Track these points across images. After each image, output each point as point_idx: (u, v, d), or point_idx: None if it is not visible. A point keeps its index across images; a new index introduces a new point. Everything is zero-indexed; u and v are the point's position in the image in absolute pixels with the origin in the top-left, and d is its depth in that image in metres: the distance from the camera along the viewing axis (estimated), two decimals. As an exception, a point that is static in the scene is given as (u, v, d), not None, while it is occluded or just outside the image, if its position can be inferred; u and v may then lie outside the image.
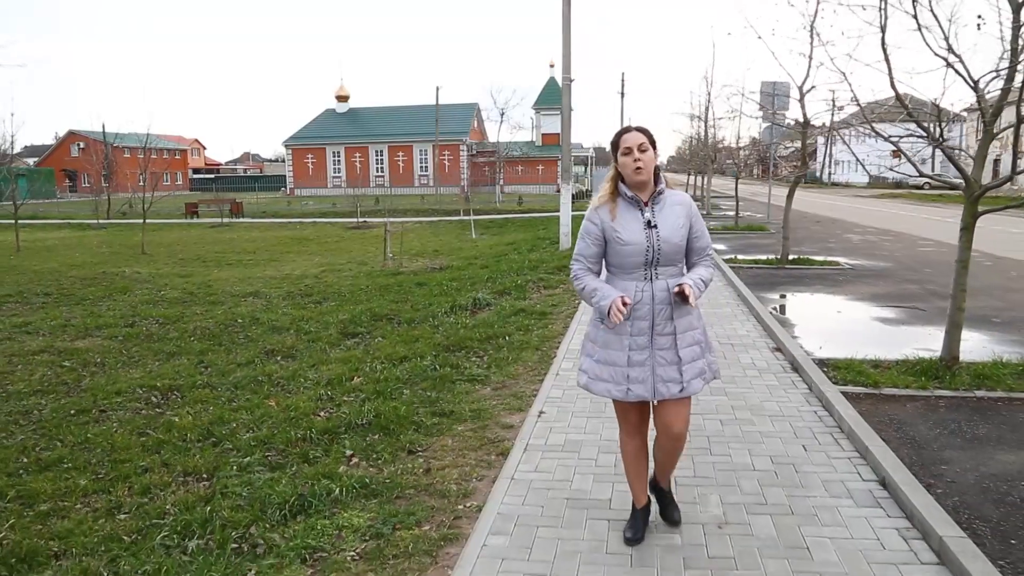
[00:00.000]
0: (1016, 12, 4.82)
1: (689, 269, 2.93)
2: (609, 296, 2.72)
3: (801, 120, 11.79)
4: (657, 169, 2.86)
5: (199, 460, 4.40)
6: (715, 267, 2.77)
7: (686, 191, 31.90)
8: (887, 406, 4.73)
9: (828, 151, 63.50)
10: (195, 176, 79.08)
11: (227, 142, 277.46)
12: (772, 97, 15.33)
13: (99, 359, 7.29)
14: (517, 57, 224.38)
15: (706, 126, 23.46)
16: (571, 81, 14.79)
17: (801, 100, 11.30)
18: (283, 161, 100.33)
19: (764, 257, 12.57)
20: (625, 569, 2.78)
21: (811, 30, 9.92)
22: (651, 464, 3.16)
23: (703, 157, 25.18)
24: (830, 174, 64.78)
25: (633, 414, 2.97)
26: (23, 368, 7.02)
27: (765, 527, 3.07)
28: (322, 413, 5.06)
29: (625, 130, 2.85)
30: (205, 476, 4.20)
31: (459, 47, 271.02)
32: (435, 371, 5.82)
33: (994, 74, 5.09)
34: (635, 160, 2.74)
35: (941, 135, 5.28)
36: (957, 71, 5.06)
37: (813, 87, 10.55)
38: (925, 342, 6.63)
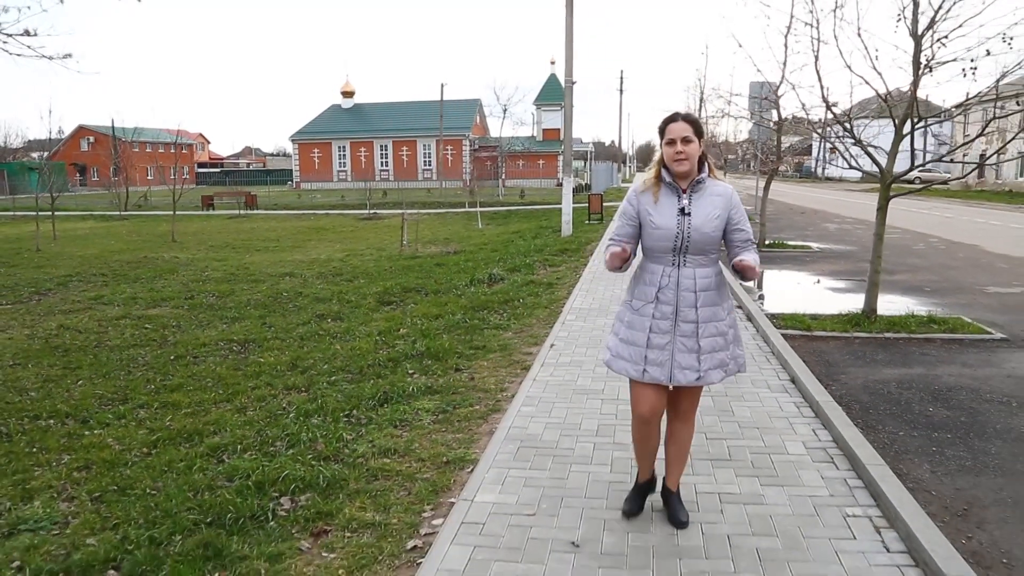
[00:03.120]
0: (917, 42, 6.28)
1: (732, 258, 2.89)
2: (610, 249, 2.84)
3: (784, 119, 13.25)
4: (703, 156, 2.83)
5: (295, 380, 5.86)
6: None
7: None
8: (814, 343, 6.23)
9: (822, 147, 64.88)
10: (200, 170, 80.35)
11: (227, 136, 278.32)
12: (760, 98, 16.77)
13: (174, 323, 8.65)
14: (519, 54, 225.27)
15: (699, 123, 24.86)
16: (573, 83, 16.21)
17: (776, 102, 12.76)
18: (284, 155, 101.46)
19: (744, 242, 14.02)
20: (611, 421, 4.28)
21: (785, 42, 11.36)
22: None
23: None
24: (823, 169, 66.16)
25: (645, 404, 2.92)
26: (113, 329, 8.40)
27: (706, 402, 4.56)
28: (381, 351, 6.54)
29: (672, 118, 2.81)
30: (303, 389, 5.66)
31: (462, 44, 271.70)
32: (466, 323, 7.32)
33: (906, 88, 6.56)
34: (677, 152, 2.75)
35: (857, 137, 6.74)
36: (873, 87, 6.53)
37: (784, 93, 11.95)
38: (861, 304, 8.10)
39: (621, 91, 45.22)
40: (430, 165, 59.05)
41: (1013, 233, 16.69)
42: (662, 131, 2.82)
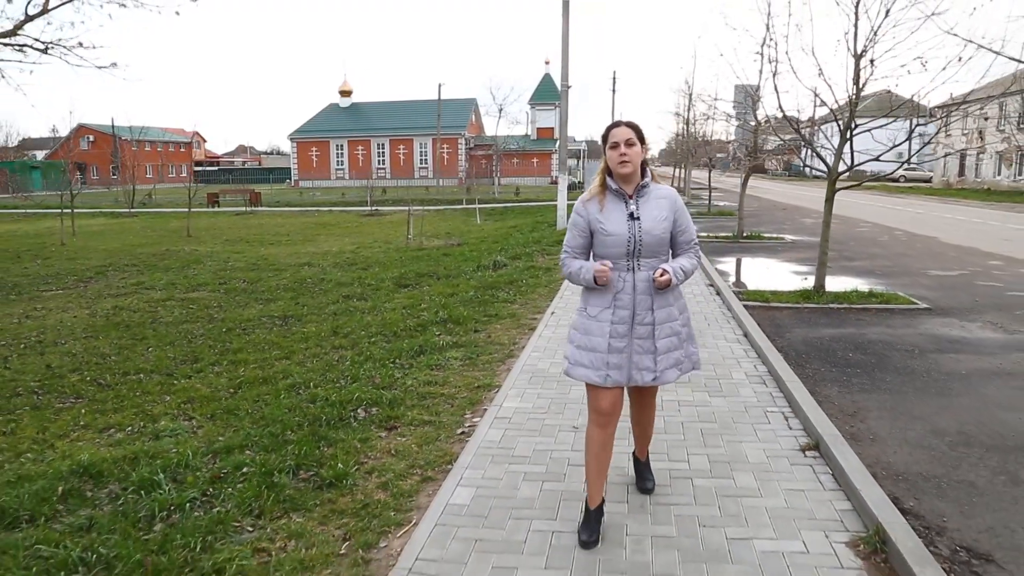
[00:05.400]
0: (857, 61, 7.55)
1: (673, 259, 3.03)
2: (591, 268, 2.89)
3: (759, 122, 14.54)
4: (645, 163, 2.93)
5: (339, 342, 7.06)
6: (699, 259, 3.09)
7: (672, 183, 34.23)
8: (770, 312, 7.51)
9: (806, 147, 66.22)
10: (197, 168, 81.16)
11: (219, 134, 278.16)
12: (737, 102, 18.09)
13: (216, 304, 9.76)
14: (514, 54, 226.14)
15: (687, 125, 26.22)
16: (568, 87, 17.46)
17: (754, 105, 14.03)
18: (278, 153, 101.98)
19: (724, 234, 15.35)
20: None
21: (762, 51, 12.64)
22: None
23: (684, 152, 27.95)
24: (811, 168, 67.59)
25: (605, 402, 2.99)
26: (163, 309, 9.51)
27: (676, 349, 5.83)
28: (409, 320, 7.76)
29: (615, 124, 2.91)
30: (349, 348, 6.87)
31: (458, 44, 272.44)
32: (478, 298, 8.57)
33: (845, 100, 7.85)
34: (621, 154, 2.83)
35: (808, 140, 8.02)
36: (823, 100, 7.81)
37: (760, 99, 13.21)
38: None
39: (614, 91, 46.49)
40: (426, 163, 60.22)
41: (972, 227, 18.08)
42: (605, 137, 2.93)
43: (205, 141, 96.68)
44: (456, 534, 2.99)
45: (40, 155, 69.50)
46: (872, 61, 7.14)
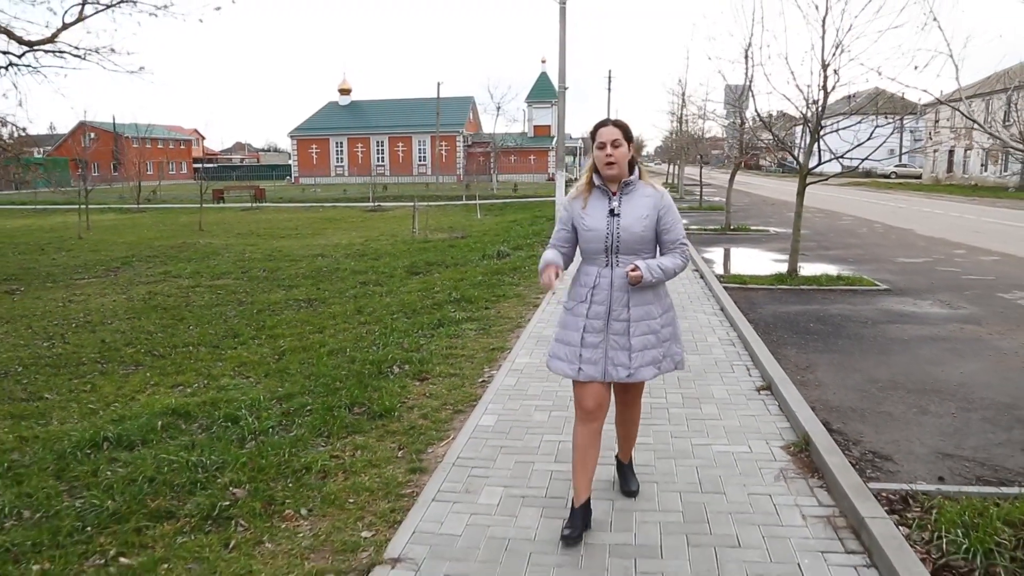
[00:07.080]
0: (824, 69, 8.47)
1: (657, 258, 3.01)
2: (546, 261, 2.95)
3: (743, 122, 15.45)
4: (633, 160, 2.94)
5: (364, 319, 7.95)
6: (687, 259, 3.05)
7: (666, 179, 34.87)
8: (747, 292, 8.45)
9: (802, 143, 67.23)
10: (196, 165, 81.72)
11: (216, 132, 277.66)
12: (726, 103, 19.00)
13: (242, 290, 10.58)
14: (511, 52, 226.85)
15: (680, 123, 27.15)
16: (566, 88, 18.33)
17: (739, 107, 14.95)
18: (275, 151, 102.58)
19: (713, 227, 16.29)
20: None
21: (745, 57, 13.54)
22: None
23: (677, 149, 28.90)
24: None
25: (589, 399, 2.99)
26: (194, 294, 10.33)
27: (661, 321, 6.76)
28: (425, 300, 8.66)
29: (602, 123, 2.92)
30: (374, 323, 7.76)
31: (455, 43, 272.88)
32: (486, 282, 9.49)
33: (815, 105, 8.78)
34: (607, 155, 2.85)
35: (780, 140, 8.95)
36: (795, 105, 8.74)
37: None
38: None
39: (609, 90, 47.57)
40: (425, 160, 61.05)
41: (950, 220, 19.06)
42: (593, 135, 2.95)
43: (204, 139, 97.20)
44: (486, 443, 3.93)
45: (38, 152, 69.94)
46: (836, 71, 8.07)
